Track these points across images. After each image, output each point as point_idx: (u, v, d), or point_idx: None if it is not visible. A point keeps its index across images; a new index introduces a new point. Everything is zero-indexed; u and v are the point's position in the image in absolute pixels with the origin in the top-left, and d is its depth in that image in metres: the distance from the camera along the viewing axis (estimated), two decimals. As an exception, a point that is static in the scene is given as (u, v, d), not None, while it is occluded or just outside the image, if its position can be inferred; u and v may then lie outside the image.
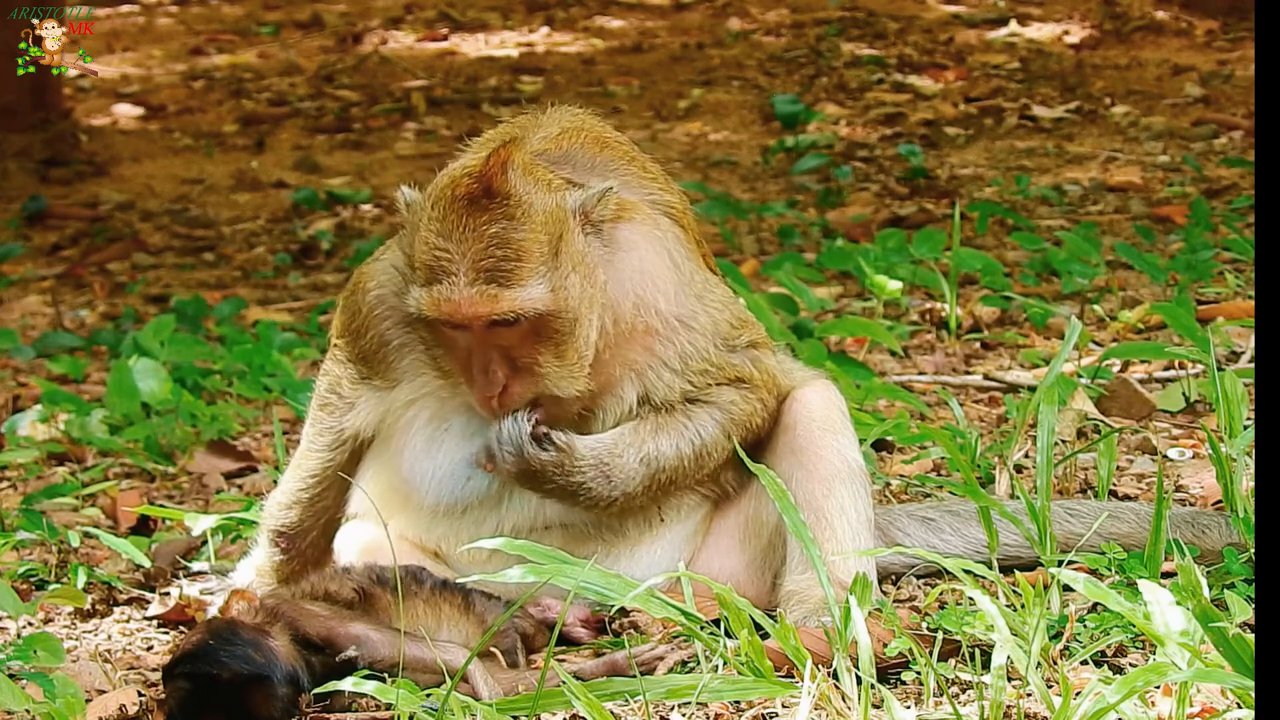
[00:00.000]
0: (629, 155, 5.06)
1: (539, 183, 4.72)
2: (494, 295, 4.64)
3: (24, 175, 13.52)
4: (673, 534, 5.05)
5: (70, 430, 7.34)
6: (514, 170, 4.67)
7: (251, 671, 4.36)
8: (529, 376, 4.75)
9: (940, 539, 5.31)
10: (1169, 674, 3.84)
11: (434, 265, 4.65)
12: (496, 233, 4.64)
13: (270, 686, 4.37)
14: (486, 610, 4.75)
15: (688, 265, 4.94)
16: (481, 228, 4.64)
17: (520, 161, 4.71)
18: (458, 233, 4.64)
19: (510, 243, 4.64)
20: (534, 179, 4.72)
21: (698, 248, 5.08)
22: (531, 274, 4.65)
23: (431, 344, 4.87)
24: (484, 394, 4.74)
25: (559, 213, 4.71)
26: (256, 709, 4.37)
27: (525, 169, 4.71)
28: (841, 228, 10.54)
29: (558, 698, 4.14)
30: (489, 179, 4.64)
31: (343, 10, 18.00)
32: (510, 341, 4.72)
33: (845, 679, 4.19)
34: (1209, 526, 5.18)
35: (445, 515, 4.99)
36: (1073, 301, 8.42)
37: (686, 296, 4.92)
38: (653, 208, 4.98)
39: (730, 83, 14.87)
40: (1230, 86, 13.59)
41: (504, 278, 4.64)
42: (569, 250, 4.71)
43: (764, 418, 5.02)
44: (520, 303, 4.65)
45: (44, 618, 5.33)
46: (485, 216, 4.64)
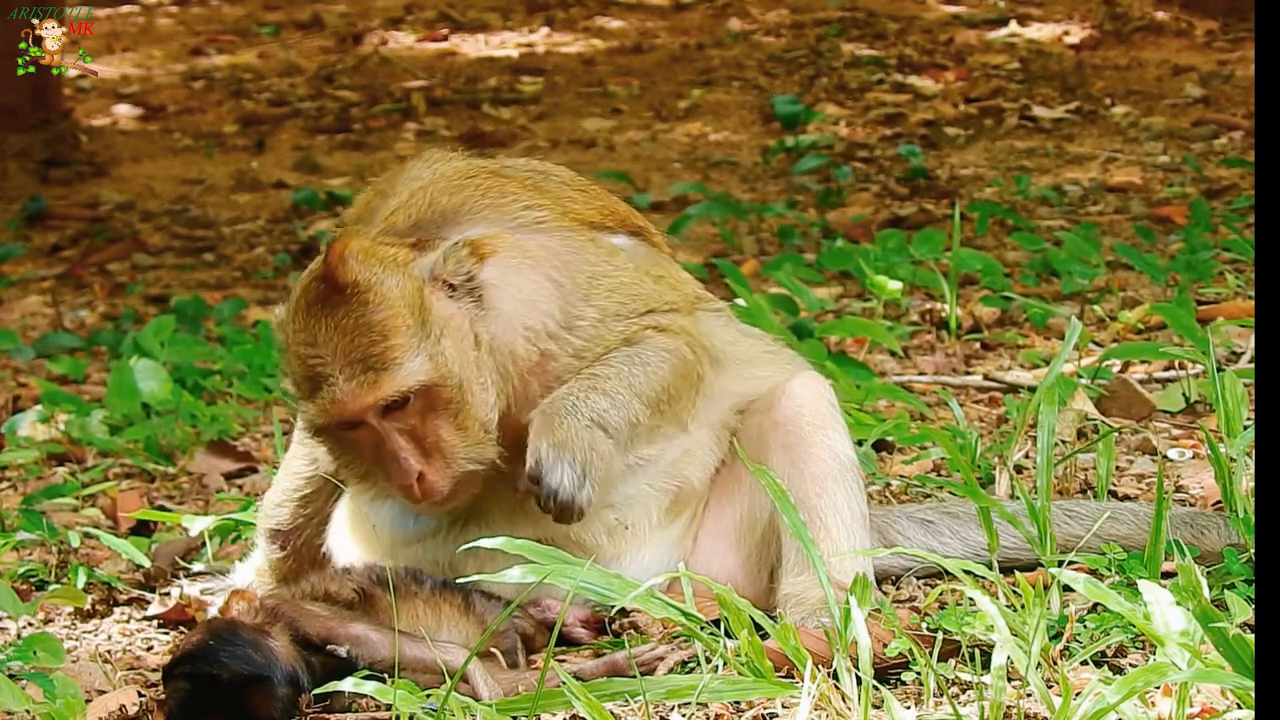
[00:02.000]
0: (485, 186, 4.99)
1: (383, 262, 4.73)
2: (374, 381, 4.65)
3: (24, 175, 13.52)
4: (664, 536, 5.05)
5: (70, 431, 7.34)
6: (354, 258, 4.68)
7: (251, 672, 4.36)
8: (440, 458, 4.73)
9: (939, 542, 5.31)
10: (1169, 674, 3.84)
11: (310, 375, 4.70)
12: (355, 322, 4.66)
13: (270, 687, 4.37)
14: (486, 610, 4.75)
15: (566, 275, 4.90)
16: (341, 323, 4.67)
17: (358, 248, 4.72)
18: (321, 335, 4.68)
19: (373, 327, 4.66)
20: (377, 259, 4.73)
21: (591, 242, 5.00)
22: (403, 349, 4.67)
23: (341, 454, 4.89)
24: (402, 483, 4.73)
25: (412, 283, 4.72)
26: (256, 709, 4.37)
27: (365, 253, 4.72)
28: (841, 228, 10.54)
29: (558, 698, 4.14)
30: (331, 275, 4.67)
31: (343, 10, 18.00)
32: (410, 425, 4.71)
33: (845, 679, 4.19)
34: (1208, 527, 5.18)
35: (402, 546, 5.00)
36: (1073, 302, 8.42)
37: (572, 303, 4.88)
38: (517, 231, 4.93)
39: (730, 83, 14.87)
40: (1230, 87, 13.59)
41: (377, 361, 4.65)
42: (433, 318, 4.72)
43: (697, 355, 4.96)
44: (400, 381, 4.66)
45: (44, 618, 5.33)
46: (341, 311, 4.67)
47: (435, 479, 4.73)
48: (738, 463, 5.00)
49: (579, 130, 13.88)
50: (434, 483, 4.74)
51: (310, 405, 4.71)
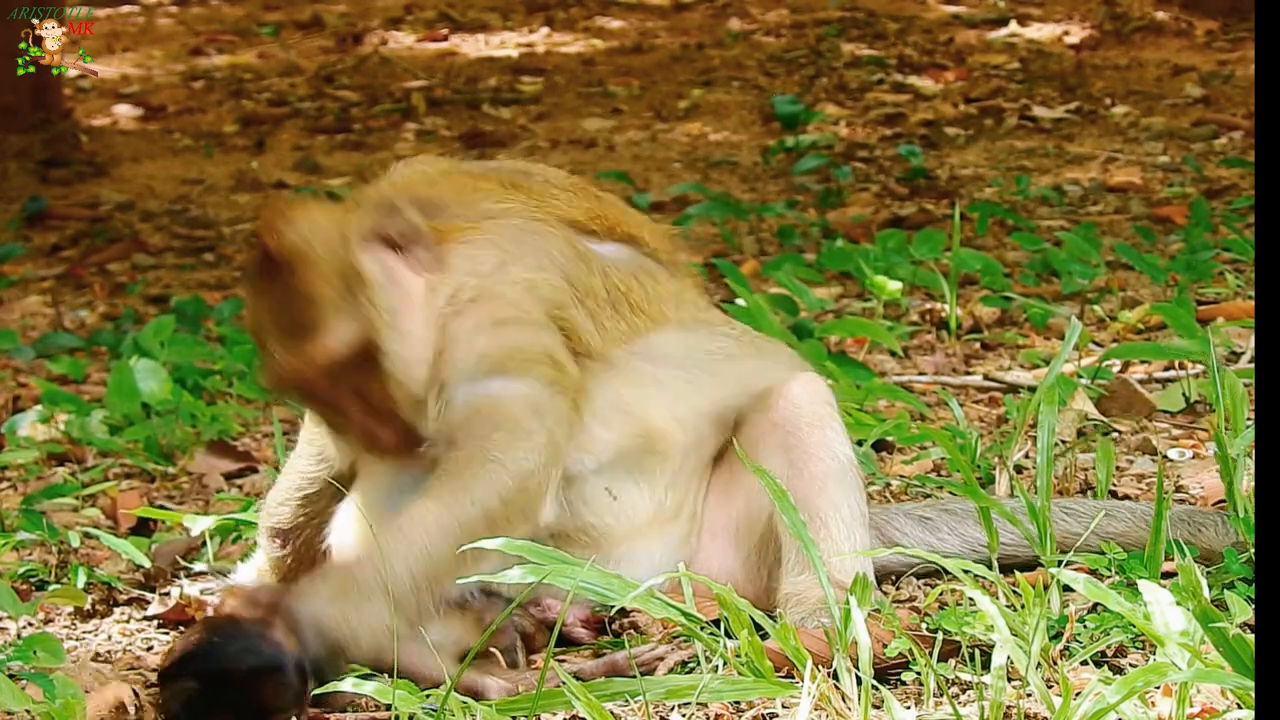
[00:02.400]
0: (459, 183, 5.01)
1: (315, 225, 4.74)
2: (307, 349, 4.69)
3: (24, 176, 13.52)
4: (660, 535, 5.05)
5: (70, 431, 7.33)
6: (284, 225, 4.72)
7: (264, 663, 4.35)
8: (391, 414, 4.75)
9: (937, 538, 5.31)
10: (1169, 674, 3.84)
11: (258, 345, 4.80)
12: (284, 291, 4.70)
13: (283, 675, 4.36)
14: (485, 609, 4.75)
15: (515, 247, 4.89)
16: (274, 293, 4.72)
17: (289, 214, 4.75)
18: (258, 307, 4.77)
19: (299, 295, 4.69)
20: (309, 223, 4.74)
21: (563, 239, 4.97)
22: (333, 313, 4.68)
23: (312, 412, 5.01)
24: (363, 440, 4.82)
25: (343, 244, 4.74)
26: (269, 701, 4.36)
27: (296, 219, 4.74)
28: (841, 228, 10.54)
29: (557, 698, 4.14)
30: (264, 247, 4.72)
31: (343, 11, 17.99)
32: (357, 382, 4.73)
33: (845, 679, 4.19)
34: (1205, 524, 5.18)
35: None
36: (1073, 302, 8.42)
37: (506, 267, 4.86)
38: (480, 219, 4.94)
39: (730, 83, 14.86)
40: (1230, 87, 13.58)
41: (308, 329, 4.68)
42: (364, 276, 4.73)
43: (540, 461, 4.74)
44: (331, 346, 4.68)
45: (44, 618, 5.33)
46: (274, 283, 4.72)
47: (389, 433, 4.76)
48: (737, 463, 5.00)
49: (579, 130, 13.88)
50: (386, 438, 4.77)
51: (263, 371, 4.81)
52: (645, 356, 5.03)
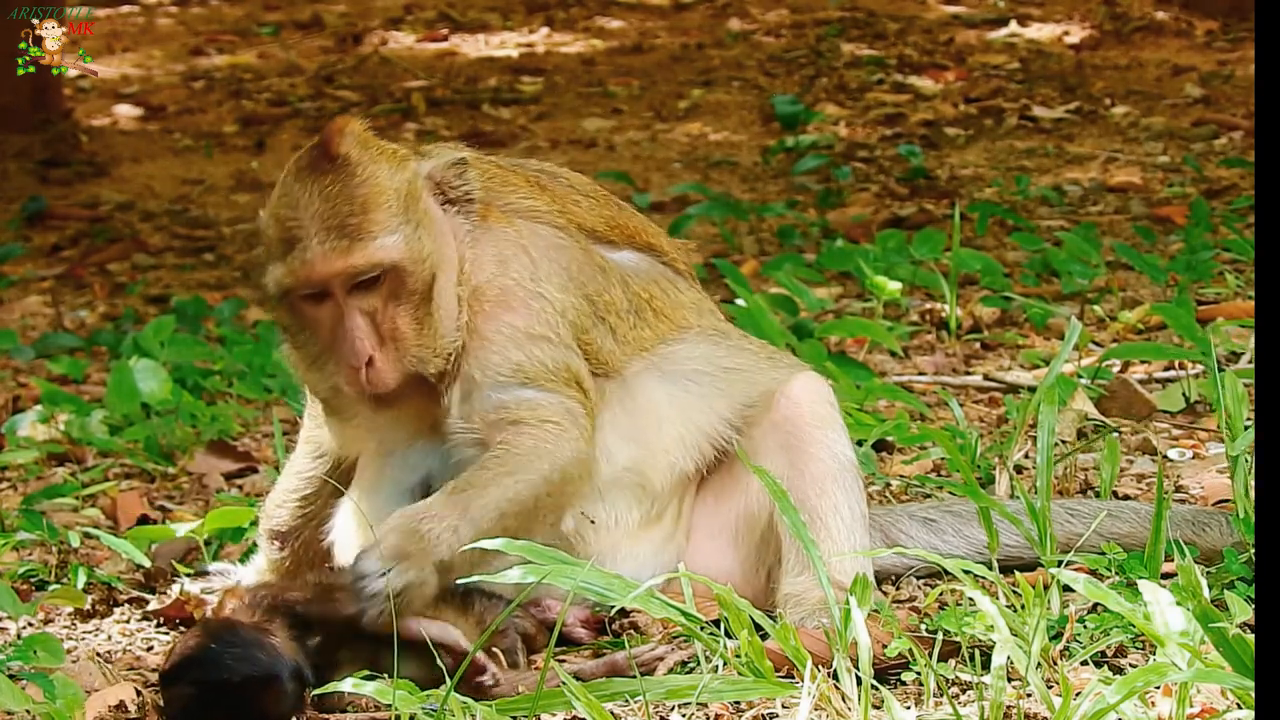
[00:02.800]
0: (490, 173, 5.03)
1: (380, 150, 4.81)
2: (346, 249, 4.68)
3: (24, 176, 13.52)
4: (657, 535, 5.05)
5: (70, 431, 7.33)
6: (352, 135, 4.75)
7: (260, 673, 4.35)
8: (394, 348, 4.73)
9: (942, 540, 5.31)
10: (1169, 674, 3.84)
11: (284, 237, 4.72)
12: (339, 190, 4.70)
13: (279, 685, 4.36)
14: (486, 610, 4.75)
15: (545, 258, 4.92)
16: (325, 189, 4.70)
17: (357, 129, 4.79)
18: (303, 199, 4.71)
19: (355, 198, 4.70)
20: (375, 147, 4.80)
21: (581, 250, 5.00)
22: (381, 225, 4.70)
23: (297, 331, 4.87)
24: (350, 364, 4.72)
25: (404, 174, 4.78)
26: (266, 709, 4.36)
27: (364, 137, 4.79)
28: (841, 228, 10.54)
29: (558, 698, 4.14)
30: (326, 144, 4.73)
31: (343, 11, 17.99)
32: (373, 306, 4.72)
33: (845, 679, 4.19)
34: (1208, 524, 5.19)
35: None
36: (1073, 302, 8.42)
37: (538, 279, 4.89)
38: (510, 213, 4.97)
39: (730, 83, 14.86)
40: (1230, 87, 13.58)
41: (353, 230, 4.68)
42: (418, 209, 4.76)
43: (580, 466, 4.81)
44: (372, 252, 4.68)
45: (44, 618, 5.33)
46: (328, 179, 4.71)
47: (384, 368, 4.73)
48: (737, 463, 5.00)
49: (579, 130, 13.88)
50: (382, 371, 4.73)
51: (280, 266, 4.73)
52: (663, 367, 5.06)
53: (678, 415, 5.04)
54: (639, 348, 5.03)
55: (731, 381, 5.10)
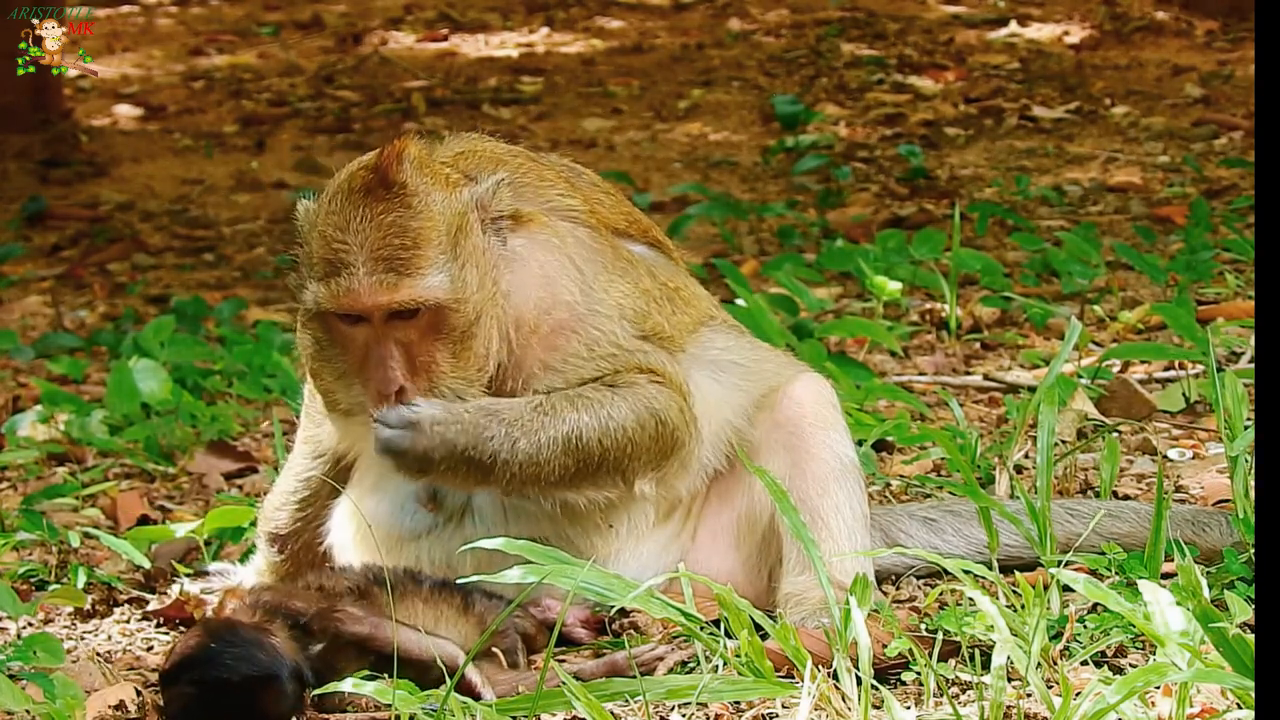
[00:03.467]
0: (525, 167, 5.02)
1: (435, 176, 4.75)
2: (393, 284, 4.64)
3: (24, 176, 13.52)
4: (660, 535, 5.04)
5: (70, 431, 7.33)
6: (409, 162, 4.70)
7: (259, 672, 4.35)
8: (425, 378, 4.72)
9: (942, 539, 5.31)
10: (1169, 674, 3.84)
11: (332, 259, 4.67)
12: (393, 221, 4.65)
13: (278, 685, 4.36)
14: (486, 610, 4.75)
15: (589, 265, 4.91)
16: (379, 217, 4.66)
17: (416, 154, 4.74)
18: (354, 224, 4.66)
19: (408, 231, 4.65)
20: (430, 172, 4.75)
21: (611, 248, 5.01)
22: (430, 262, 4.66)
23: (327, 345, 4.83)
24: (379, 391, 4.70)
25: (456, 204, 4.73)
26: (266, 709, 4.36)
27: (421, 162, 4.74)
28: (841, 228, 10.54)
29: (558, 698, 4.14)
30: (384, 170, 4.67)
31: (343, 11, 17.99)
32: (409, 338, 4.70)
33: (845, 679, 4.18)
34: (1209, 524, 5.19)
35: (398, 544, 4.99)
36: (1073, 302, 8.42)
37: (590, 289, 4.88)
38: (551, 214, 4.95)
39: (730, 83, 14.86)
40: (1230, 87, 13.58)
41: (402, 265, 4.65)
42: (467, 244, 4.72)
43: (682, 421, 4.90)
44: (419, 291, 4.65)
45: (44, 618, 5.33)
46: (382, 206, 4.66)
47: (412, 397, 4.71)
48: (738, 462, 5.00)
49: (579, 130, 13.88)
50: (410, 399, 4.71)
51: (322, 289, 4.68)
52: (700, 356, 5.08)
53: (712, 410, 5.05)
54: (685, 330, 5.05)
55: (750, 377, 5.11)
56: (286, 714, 4.39)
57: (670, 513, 5.07)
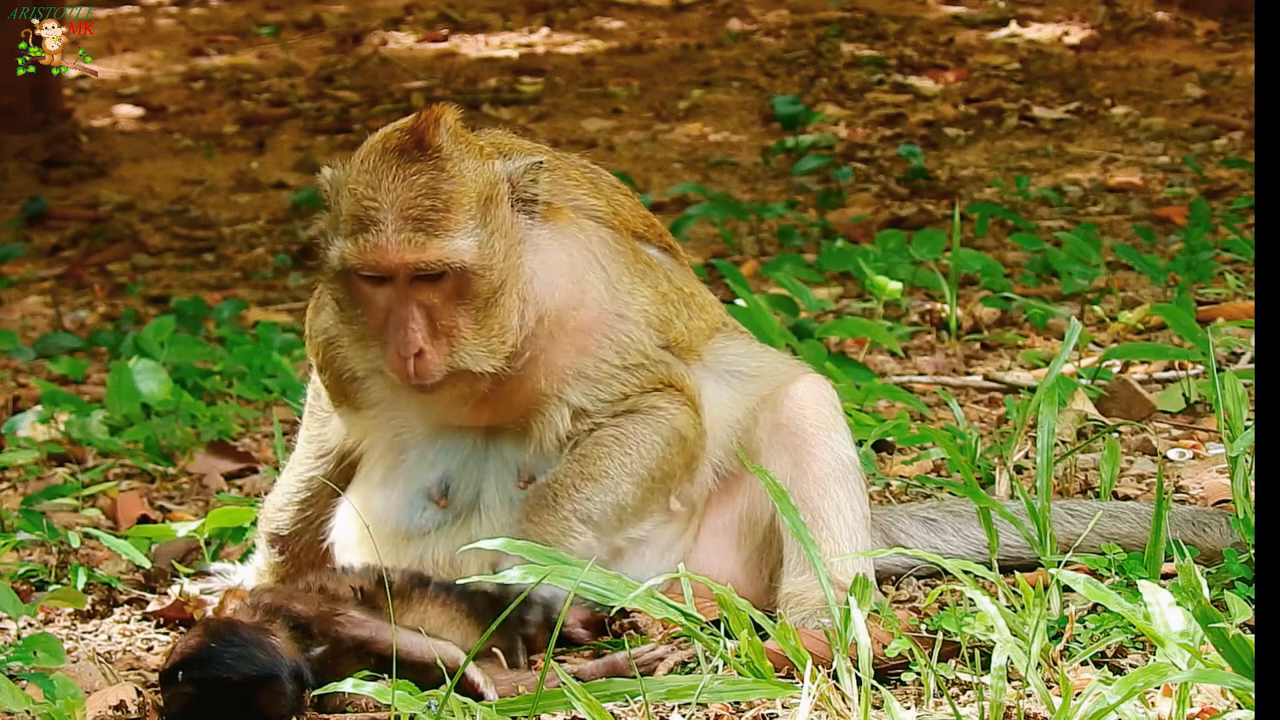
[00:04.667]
0: (551, 163, 5.02)
1: (470, 145, 4.78)
2: (421, 243, 4.65)
3: (24, 176, 13.52)
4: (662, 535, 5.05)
5: (70, 431, 7.33)
6: (446, 128, 4.73)
7: (259, 672, 4.35)
8: (446, 343, 4.72)
9: (942, 539, 5.32)
10: (1169, 675, 3.84)
11: (360, 215, 4.68)
12: (426, 182, 4.68)
13: (278, 685, 4.36)
14: (488, 611, 4.75)
15: (614, 266, 4.93)
16: (411, 178, 4.68)
17: (452, 122, 4.77)
18: (386, 182, 4.68)
19: (439, 193, 4.67)
20: (465, 141, 4.78)
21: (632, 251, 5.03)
22: (459, 226, 4.68)
23: (349, 306, 4.83)
24: (399, 353, 4.71)
25: (489, 174, 4.75)
26: (265, 709, 4.35)
27: (456, 131, 4.77)
28: (841, 228, 10.54)
29: (558, 698, 4.14)
30: (422, 132, 4.70)
31: (343, 11, 17.99)
32: (433, 301, 4.71)
33: (845, 680, 4.19)
34: (1209, 525, 5.19)
35: (404, 542, 4.99)
36: (1073, 302, 8.42)
37: (616, 290, 4.90)
38: (576, 212, 4.97)
39: (730, 83, 14.87)
40: (1230, 87, 13.59)
41: (431, 226, 4.66)
42: (496, 213, 4.74)
43: (698, 435, 4.98)
44: (446, 252, 4.66)
45: (44, 619, 5.33)
46: (415, 167, 4.68)
47: (433, 361, 4.71)
48: (740, 464, 5.00)
49: (579, 130, 13.88)
50: (430, 364, 4.71)
51: (349, 245, 4.69)
52: (712, 364, 5.11)
53: (724, 415, 5.06)
54: (702, 335, 5.09)
55: (758, 381, 5.13)
56: (286, 714, 4.39)
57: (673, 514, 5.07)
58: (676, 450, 4.92)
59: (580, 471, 4.85)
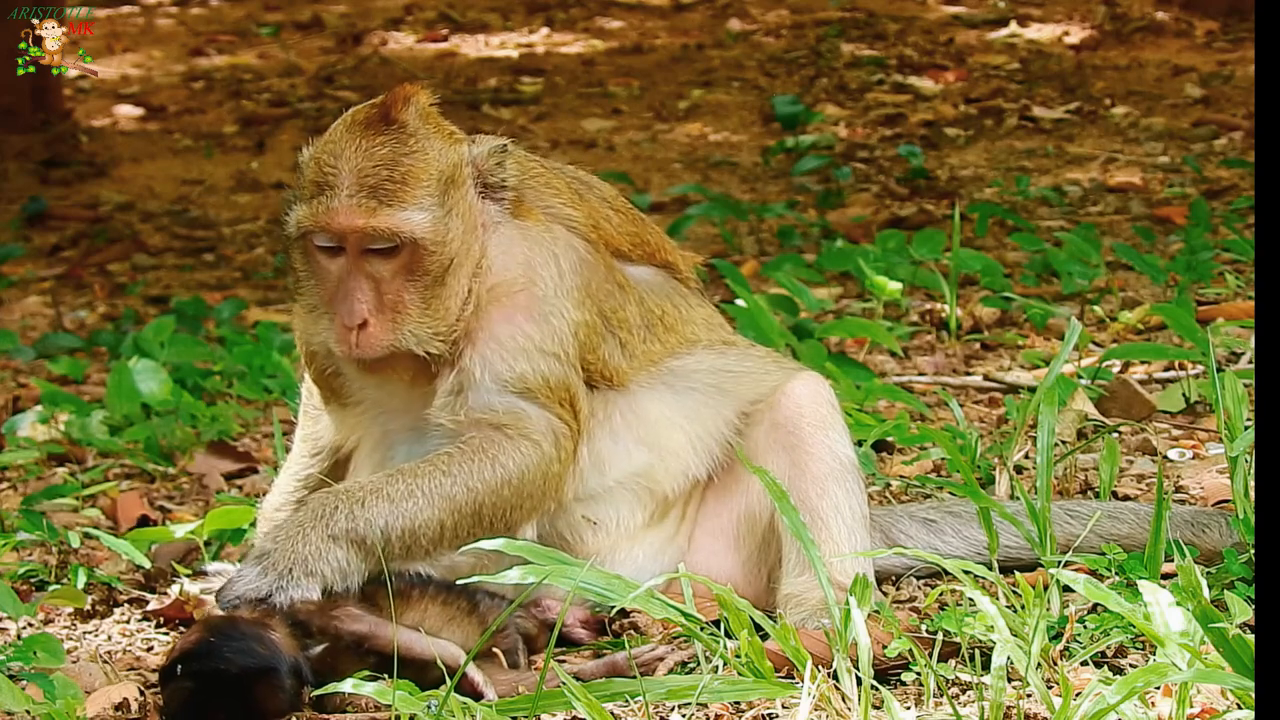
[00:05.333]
0: (535, 171, 5.05)
1: (439, 127, 4.84)
2: (372, 209, 4.70)
3: (24, 176, 13.53)
4: (657, 535, 5.05)
5: (70, 431, 7.33)
6: (415, 106, 4.80)
7: (257, 665, 4.35)
8: (391, 318, 4.73)
9: (942, 540, 5.31)
10: (1169, 675, 3.84)
11: (318, 180, 4.74)
12: (387, 154, 4.74)
13: (276, 678, 4.36)
14: (489, 611, 4.75)
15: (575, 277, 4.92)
16: (373, 149, 4.74)
17: (425, 101, 4.84)
18: (348, 150, 4.75)
19: (399, 165, 4.73)
20: (434, 122, 4.84)
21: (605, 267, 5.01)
22: (414, 200, 4.72)
23: (305, 275, 4.86)
24: (344, 324, 4.73)
25: (453, 156, 4.80)
26: (263, 702, 4.36)
27: (426, 112, 4.83)
28: (841, 229, 10.54)
29: (558, 698, 4.14)
30: (389, 106, 4.78)
31: (343, 11, 18.00)
32: (382, 274, 4.73)
33: (845, 680, 4.19)
34: (1209, 525, 5.19)
35: None
36: (1073, 302, 8.42)
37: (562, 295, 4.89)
38: (550, 219, 4.97)
39: (730, 84, 14.87)
40: (1230, 87, 13.59)
41: (386, 195, 4.71)
42: (456, 195, 4.78)
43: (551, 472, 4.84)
44: (396, 222, 4.69)
45: (44, 618, 5.33)
46: (379, 139, 4.75)
47: (376, 334, 4.73)
48: (738, 463, 5.00)
49: (579, 130, 13.89)
50: (373, 336, 4.73)
51: (304, 207, 4.75)
52: (671, 380, 5.08)
53: (687, 421, 5.06)
54: (648, 361, 5.06)
55: (738, 384, 5.12)
56: (283, 709, 4.39)
57: (664, 514, 5.07)
58: (509, 491, 4.80)
59: (377, 490, 4.72)
